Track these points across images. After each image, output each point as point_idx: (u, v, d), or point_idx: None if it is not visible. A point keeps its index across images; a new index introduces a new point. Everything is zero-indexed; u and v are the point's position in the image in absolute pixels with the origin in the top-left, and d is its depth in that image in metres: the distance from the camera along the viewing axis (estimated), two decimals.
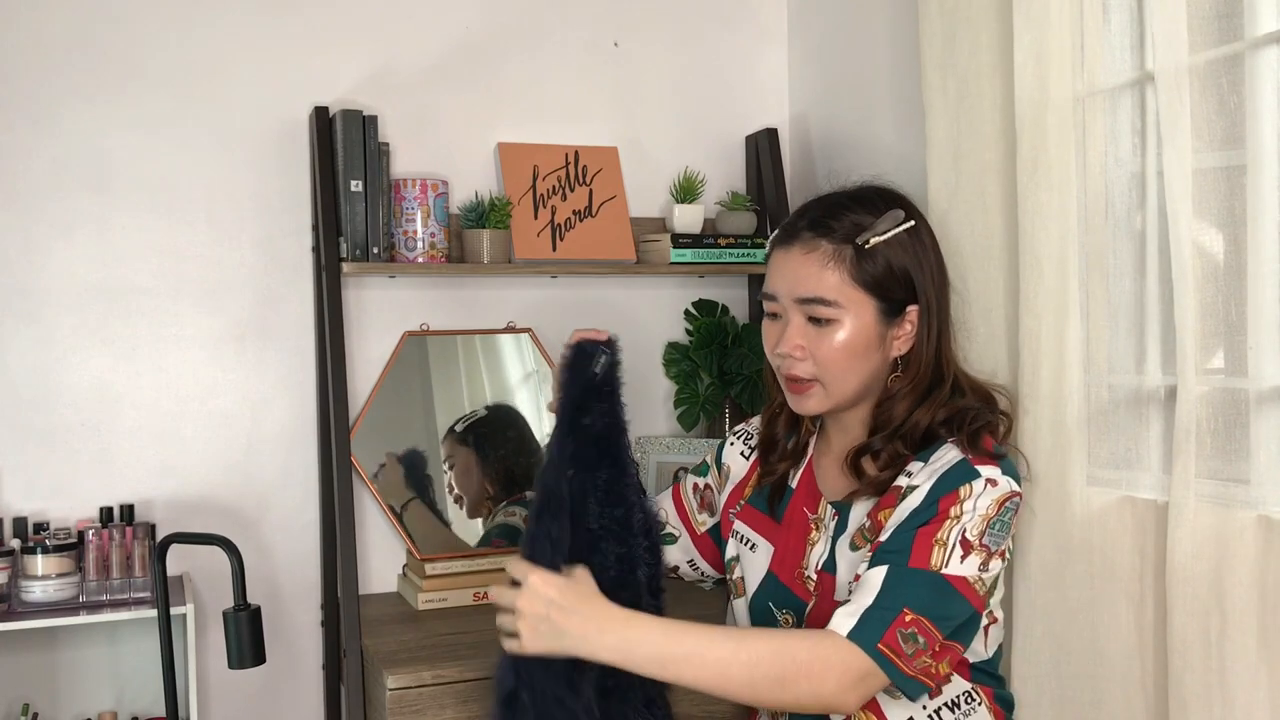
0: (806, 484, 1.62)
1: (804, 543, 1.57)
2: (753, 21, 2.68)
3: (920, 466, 1.47)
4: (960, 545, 1.40)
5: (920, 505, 1.43)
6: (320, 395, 2.35)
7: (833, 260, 1.48)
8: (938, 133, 1.96)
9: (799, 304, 1.50)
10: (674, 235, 2.41)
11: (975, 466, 1.44)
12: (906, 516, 1.43)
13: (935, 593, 1.38)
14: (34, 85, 2.21)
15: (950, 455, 1.46)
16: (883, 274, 1.48)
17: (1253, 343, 1.46)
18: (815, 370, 1.50)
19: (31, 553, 2.03)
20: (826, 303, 1.48)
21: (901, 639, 1.35)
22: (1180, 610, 1.49)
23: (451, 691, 1.91)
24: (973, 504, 1.41)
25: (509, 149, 2.48)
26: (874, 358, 1.51)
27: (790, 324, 1.51)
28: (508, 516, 2.40)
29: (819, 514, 1.57)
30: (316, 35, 2.37)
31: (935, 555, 1.39)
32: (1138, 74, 1.68)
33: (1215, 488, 1.51)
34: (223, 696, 2.33)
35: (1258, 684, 1.42)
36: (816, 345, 1.49)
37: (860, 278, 1.48)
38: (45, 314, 2.22)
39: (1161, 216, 1.61)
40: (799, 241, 1.51)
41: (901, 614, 1.35)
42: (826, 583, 1.52)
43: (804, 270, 1.49)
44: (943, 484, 1.43)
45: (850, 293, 1.48)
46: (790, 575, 1.57)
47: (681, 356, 2.52)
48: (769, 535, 1.62)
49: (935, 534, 1.39)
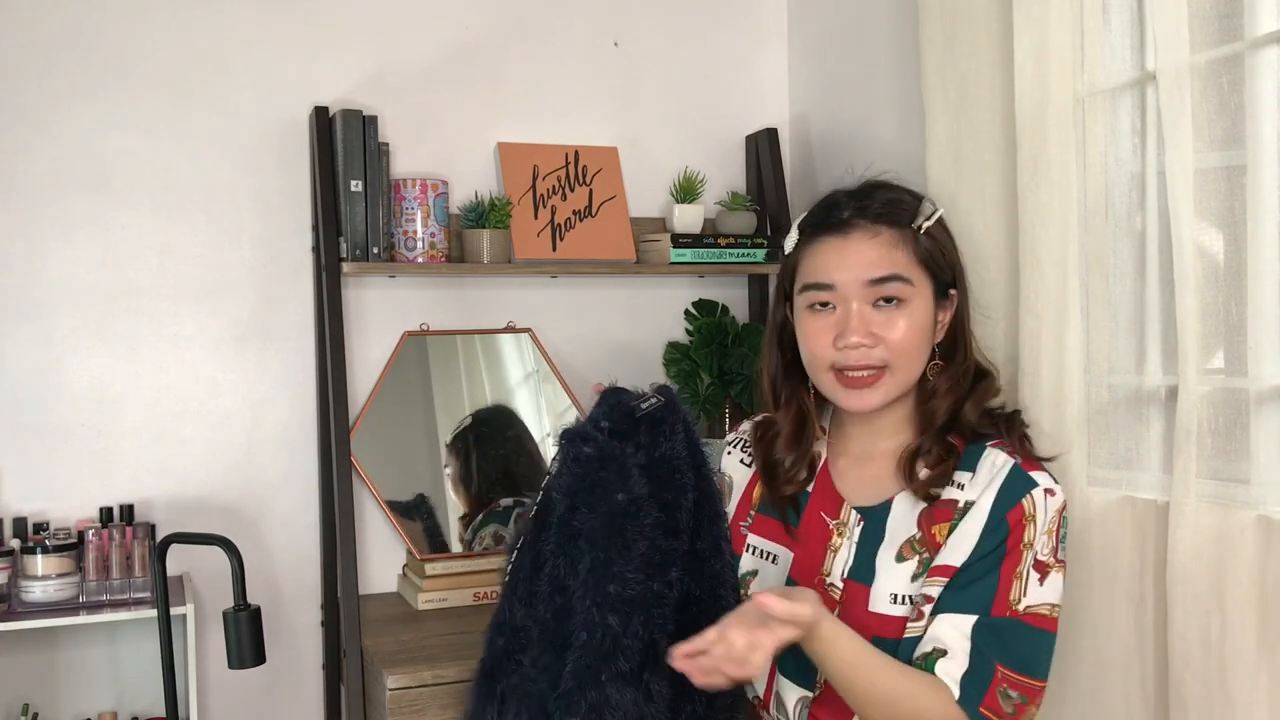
0: (823, 487, 1.56)
1: (824, 549, 1.52)
2: (753, 21, 2.68)
3: (970, 477, 1.45)
4: (1035, 569, 1.40)
5: (988, 526, 1.41)
6: (320, 395, 2.35)
7: (900, 242, 1.47)
8: (937, 133, 1.95)
9: (870, 286, 1.45)
10: (674, 235, 2.41)
11: (1030, 474, 1.43)
12: (979, 543, 1.41)
13: (1023, 641, 1.38)
14: (34, 85, 2.21)
15: (1000, 460, 1.44)
16: (937, 255, 1.49)
17: (1253, 343, 1.46)
18: (886, 356, 1.45)
19: (31, 553, 2.03)
20: (903, 279, 1.46)
21: (1000, 698, 1.37)
22: (1180, 610, 1.49)
23: (451, 691, 1.91)
24: (1039, 523, 1.40)
25: (509, 149, 2.48)
26: (931, 341, 1.50)
27: (853, 312, 1.45)
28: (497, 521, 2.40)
29: (841, 519, 1.52)
30: (316, 35, 2.37)
31: (1014, 590, 1.39)
32: (1138, 74, 1.68)
33: (1216, 488, 1.50)
34: (223, 696, 2.33)
35: (1258, 684, 1.42)
36: (886, 329, 1.45)
37: (922, 257, 1.47)
38: (45, 314, 2.22)
39: (1162, 216, 1.61)
40: (856, 229, 1.48)
41: (995, 673, 1.37)
42: (856, 592, 1.47)
43: (874, 253, 1.46)
44: (1004, 497, 1.41)
45: (917, 271, 1.47)
46: (811, 582, 1.52)
47: (681, 356, 2.52)
48: (786, 543, 1.57)
49: (1015, 570, 1.39)
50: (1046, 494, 1.41)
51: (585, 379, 2.53)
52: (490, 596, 2.28)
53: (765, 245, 2.47)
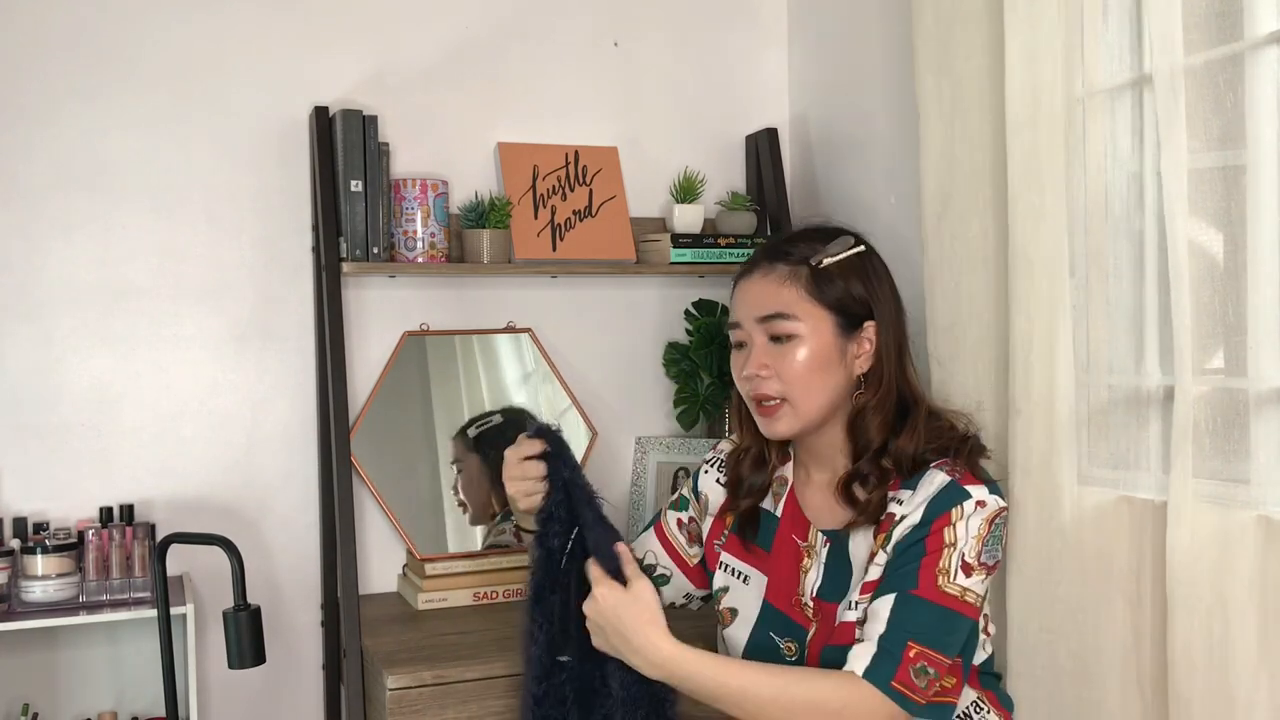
0: (791, 513, 1.65)
1: (797, 570, 1.61)
2: (753, 21, 2.68)
3: (909, 494, 1.51)
4: (962, 570, 1.46)
5: (915, 525, 1.48)
6: (320, 395, 2.35)
7: (789, 279, 1.56)
8: (932, 136, 1.96)
9: (761, 323, 1.56)
10: (674, 235, 2.41)
11: (964, 487, 1.49)
12: (904, 538, 1.48)
13: (937, 620, 1.44)
14: (34, 85, 2.21)
15: (938, 479, 1.50)
16: (839, 291, 1.55)
17: (1252, 343, 1.46)
18: (782, 388, 1.55)
19: (31, 553, 2.03)
20: (786, 316, 1.54)
21: (913, 674, 1.42)
22: (1181, 610, 1.49)
23: (451, 691, 1.91)
24: (965, 526, 1.47)
25: (509, 149, 2.48)
26: (837, 373, 1.55)
27: (754, 346, 1.57)
28: (503, 534, 2.39)
29: (810, 541, 1.61)
30: (316, 35, 2.37)
31: (940, 581, 1.45)
32: (1136, 74, 1.68)
33: (1215, 488, 1.51)
34: (223, 696, 2.33)
35: (1258, 683, 1.42)
36: (780, 362, 1.55)
37: (816, 294, 1.55)
38: (45, 314, 2.22)
39: (1160, 217, 1.61)
40: (757, 269, 1.61)
41: (907, 649, 1.42)
42: (825, 610, 1.56)
43: (763, 291, 1.57)
44: (934, 506, 1.48)
45: (808, 307, 1.55)
46: (787, 603, 1.60)
47: (681, 356, 2.53)
48: (760, 565, 1.65)
49: (937, 565, 1.45)
50: (978, 505, 1.48)
51: (585, 379, 2.53)
52: (490, 596, 2.29)
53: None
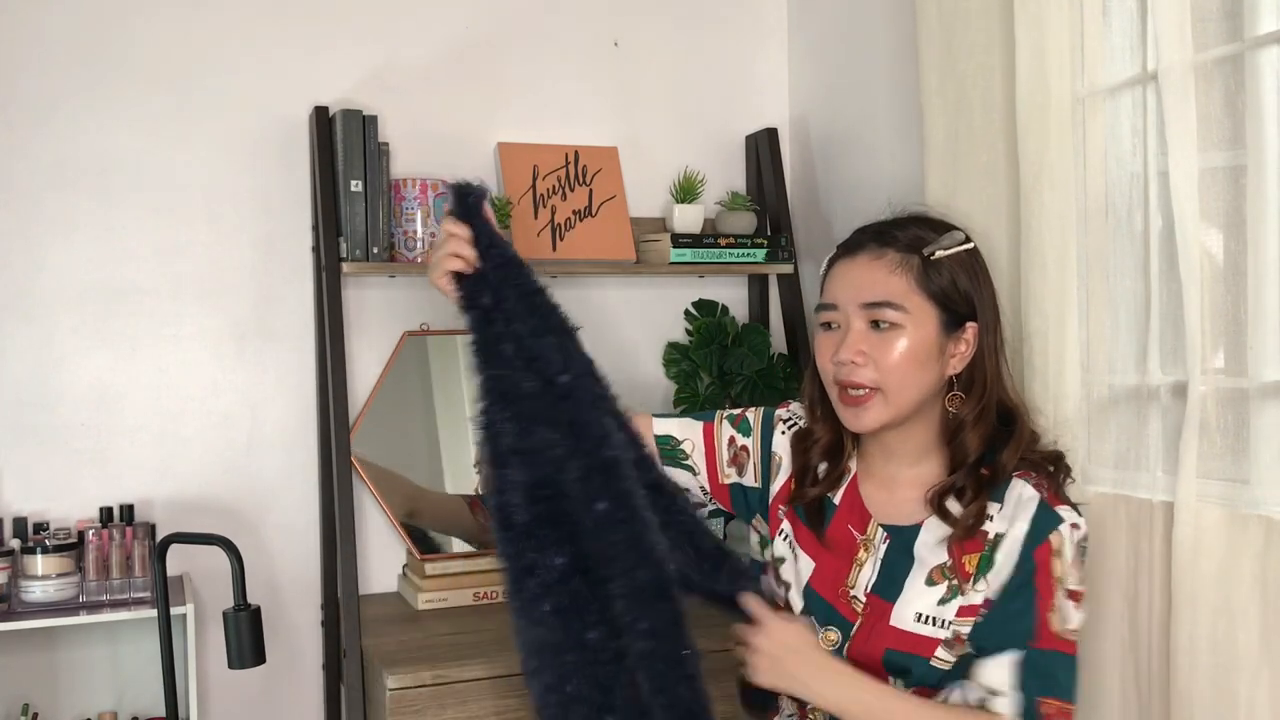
0: (850, 502, 1.59)
1: (850, 562, 1.55)
2: (753, 21, 2.68)
3: (998, 508, 1.48)
4: (1071, 603, 1.44)
5: (1018, 563, 1.45)
6: (320, 395, 2.35)
7: (900, 267, 1.49)
8: (936, 135, 1.95)
9: (864, 309, 1.49)
10: (674, 235, 2.41)
11: (1055, 509, 1.46)
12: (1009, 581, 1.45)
13: (1062, 669, 1.44)
14: (34, 85, 2.21)
15: (1026, 493, 1.47)
16: (947, 286, 1.49)
17: (1254, 342, 1.46)
18: (876, 377, 1.48)
19: (31, 553, 2.03)
20: (894, 306, 1.48)
21: None
22: (1184, 609, 1.49)
23: (451, 691, 1.91)
24: (1065, 555, 1.44)
25: (509, 149, 2.48)
26: (932, 370, 1.50)
27: (851, 331, 1.50)
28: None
29: (868, 534, 1.56)
30: (316, 35, 2.37)
31: (1054, 622, 1.43)
32: (1139, 73, 1.68)
33: (1217, 487, 1.51)
34: (223, 696, 2.33)
35: (1259, 681, 1.43)
36: (879, 351, 1.48)
37: (925, 286, 1.49)
38: (45, 314, 2.22)
39: (1163, 216, 1.61)
40: (864, 251, 1.52)
41: (1039, 707, 1.42)
42: (878, 606, 1.51)
43: (870, 275, 1.50)
44: (1032, 534, 1.45)
45: (916, 299, 1.48)
46: (834, 593, 1.55)
47: (681, 356, 2.53)
48: (811, 550, 1.59)
49: (1050, 607, 1.43)
50: (1072, 528, 1.45)
51: None
52: (490, 596, 2.28)
53: (765, 245, 2.46)
